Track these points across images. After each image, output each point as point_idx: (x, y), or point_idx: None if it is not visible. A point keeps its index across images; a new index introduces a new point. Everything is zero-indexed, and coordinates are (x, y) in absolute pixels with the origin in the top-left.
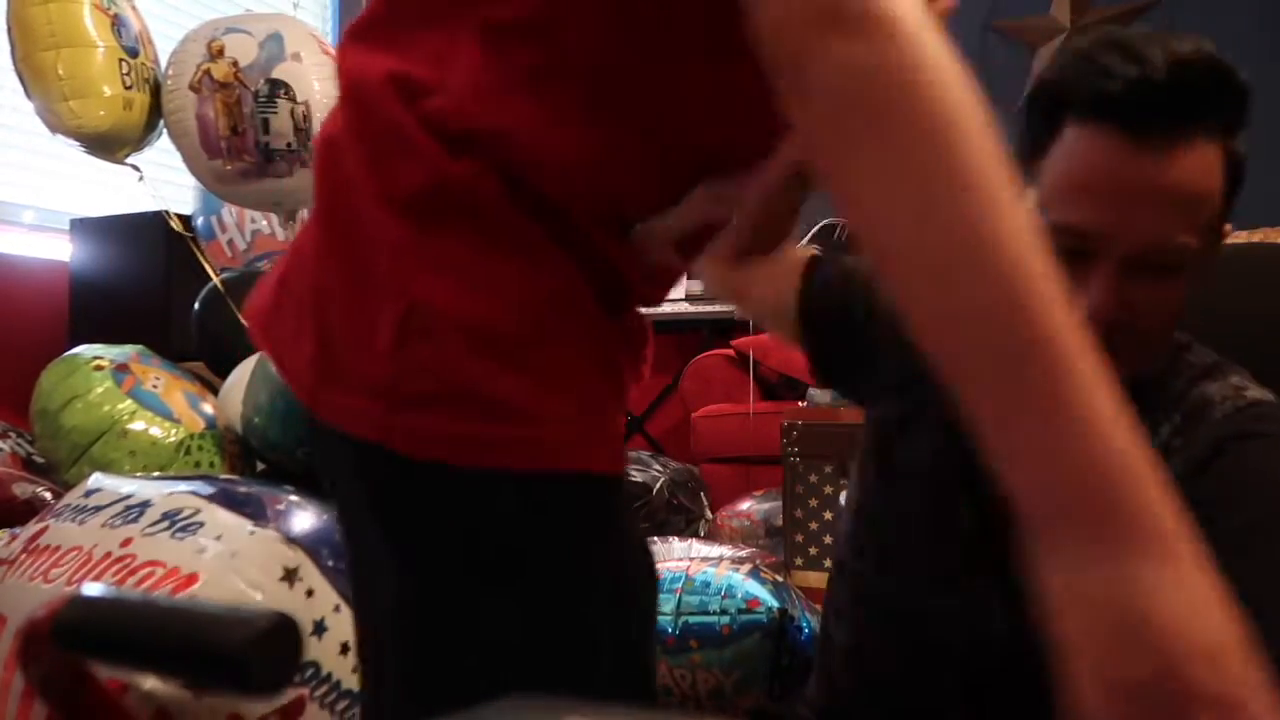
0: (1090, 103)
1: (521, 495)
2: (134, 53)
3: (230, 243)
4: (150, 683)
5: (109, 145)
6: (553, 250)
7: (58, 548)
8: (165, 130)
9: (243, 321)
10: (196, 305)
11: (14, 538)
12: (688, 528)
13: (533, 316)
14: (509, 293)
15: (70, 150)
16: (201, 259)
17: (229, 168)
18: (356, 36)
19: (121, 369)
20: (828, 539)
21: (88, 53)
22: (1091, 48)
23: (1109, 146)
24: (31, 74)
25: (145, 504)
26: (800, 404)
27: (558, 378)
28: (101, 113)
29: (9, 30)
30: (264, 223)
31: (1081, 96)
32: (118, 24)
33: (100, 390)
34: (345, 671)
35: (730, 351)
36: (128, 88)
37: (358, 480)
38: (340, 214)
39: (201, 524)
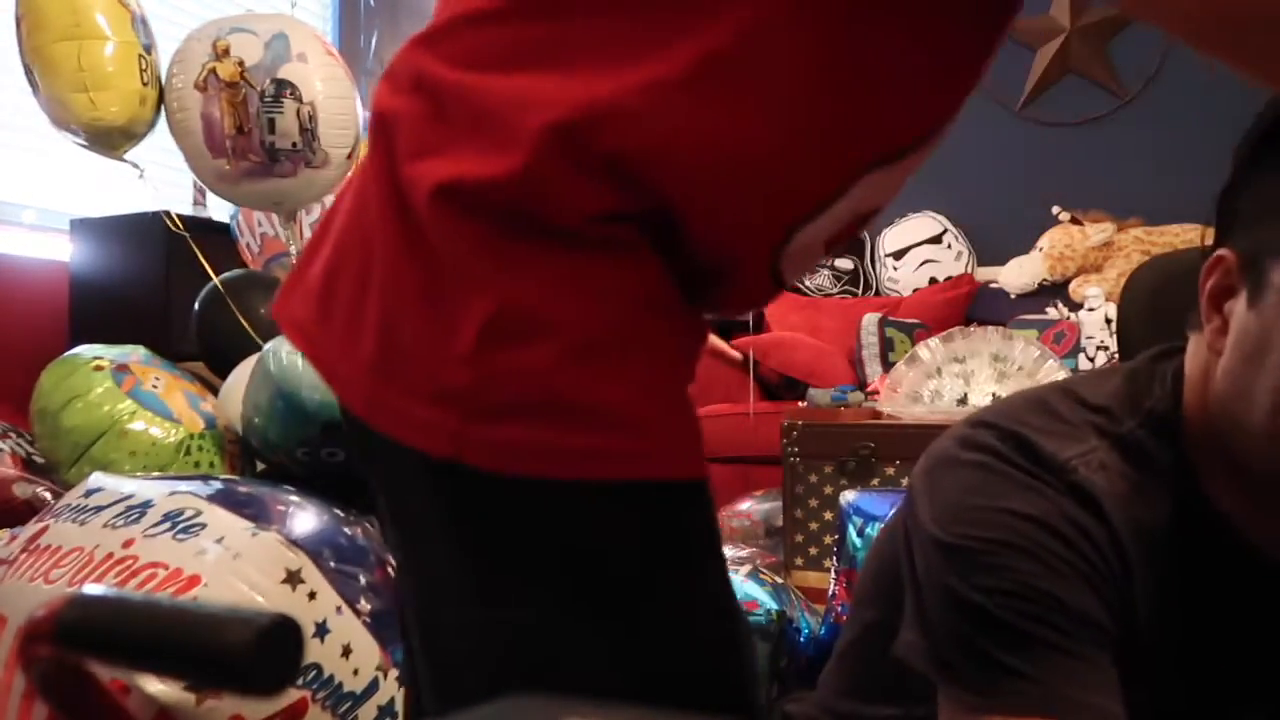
0: None
1: (621, 508)
2: (149, 49)
3: (248, 245)
4: (153, 685)
5: (115, 140)
6: (646, 250)
7: (58, 548)
8: (169, 128)
9: (244, 324)
10: (196, 305)
11: (14, 538)
12: None
13: (631, 320)
14: (606, 295)
15: (70, 150)
16: (201, 259)
17: (230, 167)
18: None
19: (121, 369)
20: (828, 539)
21: (110, 45)
22: None
23: None
24: (44, 64)
25: (147, 504)
26: (800, 404)
27: (655, 384)
28: (116, 107)
29: (18, 21)
30: (269, 226)
31: None
32: (136, 20)
33: (100, 390)
34: (347, 674)
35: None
36: (144, 84)
37: (417, 495)
38: (414, 205)
39: (203, 525)
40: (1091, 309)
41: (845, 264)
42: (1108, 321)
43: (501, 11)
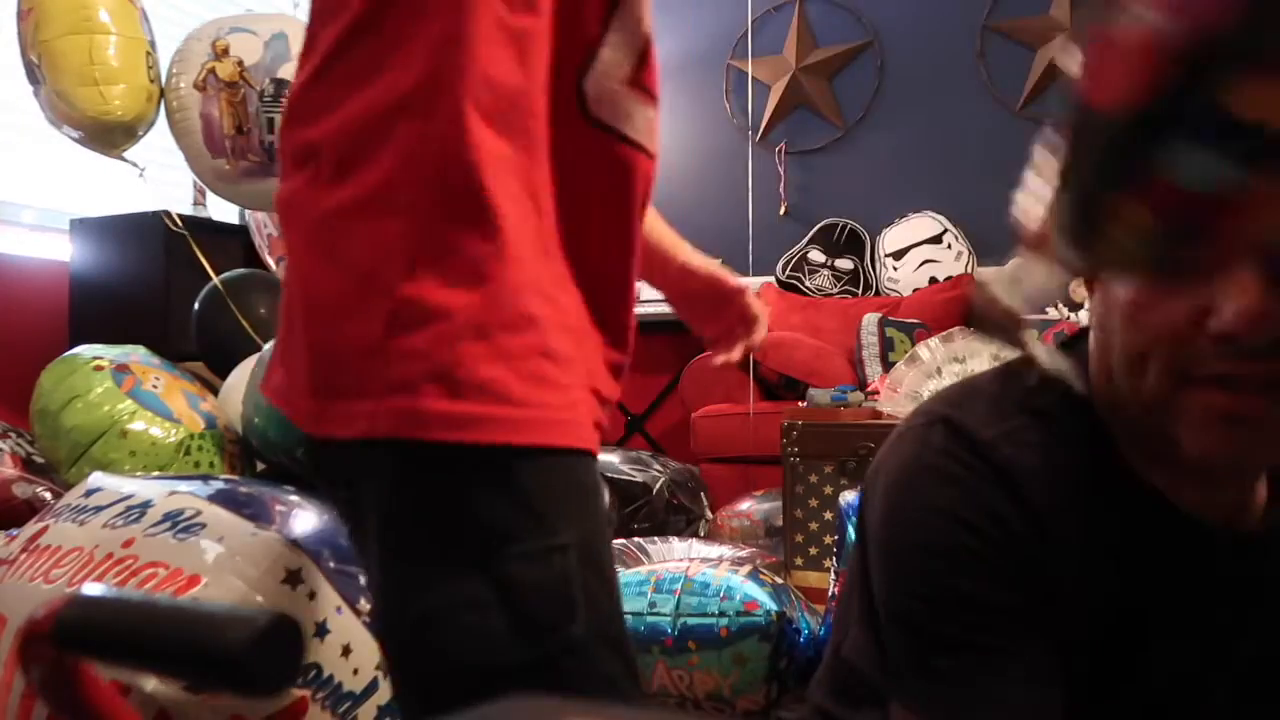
0: None
1: (502, 470)
2: (154, 45)
3: (261, 246)
4: (152, 685)
5: (117, 138)
6: (524, 230)
7: (58, 548)
8: (169, 128)
9: (244, 324)
10: (196, 305)
11: (13, 538)
12: (688, 528)
13: (512, 303)
14: (489, 281)
15: (70, 150)
16: (201, 259)
17: (230, 167)
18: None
19: (121, 369)
20: (828, 539)
21: (120, 41)
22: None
23: None
24: (51, 59)
25: (146, 504)
26: (800, 404)
27: (535, 361)
28: (125, 102)
29: (23, 15)
30: (273, 227)
31: None
32: (143, 16)
33: (100, 390)
34: (347, 674)
35: None
36: (151, 80)
37: (354, 485)
38: (322, 235)
39: (203, 525)
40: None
41: (845, 264)
42: None
43: (326, 61)
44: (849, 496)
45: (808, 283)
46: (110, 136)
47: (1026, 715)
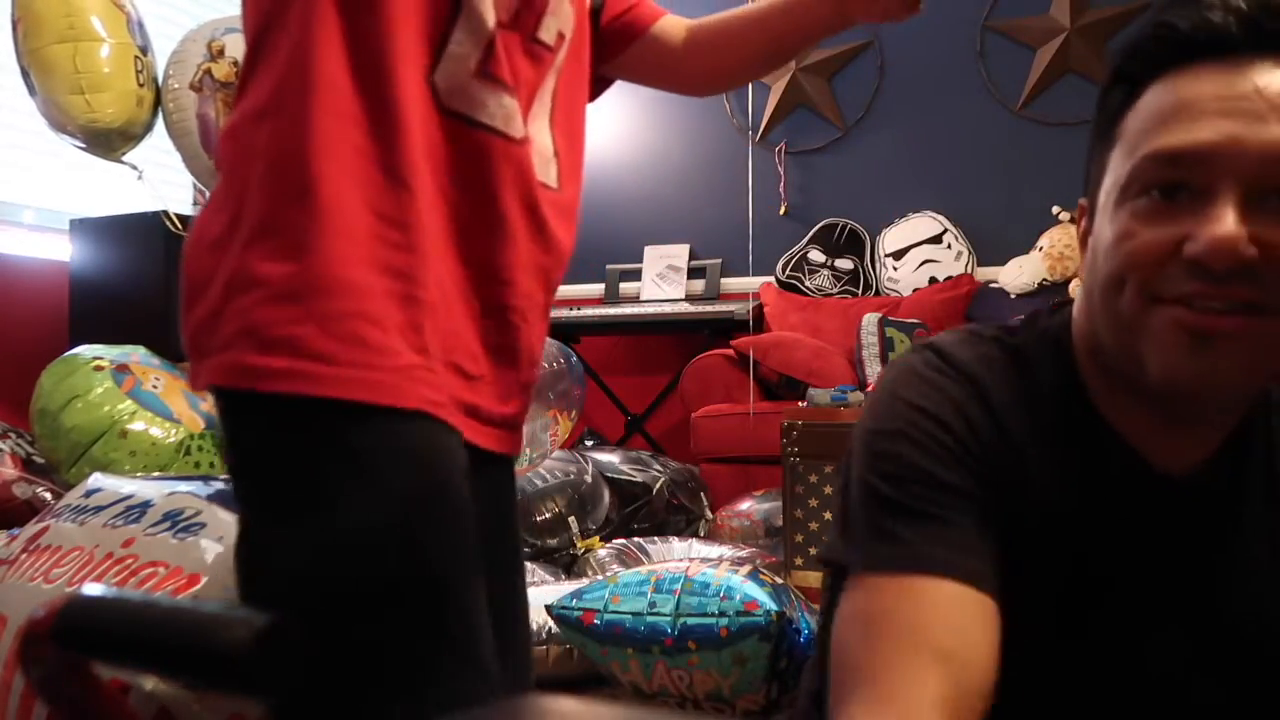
0: (1179, 48)
1: (311, 425)
2: (145, 50)
3: None
4: (152, 683)
5: (113, 142)
6: (362, 210)
7: (59, 548)
8: (165, 129)
9: None
10: None
11: (14, 538)
12: (688, 528)
13: (330, 272)
14: (309, 253)
15: (69, 150)
16: None
17: None
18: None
19: (121, 369)
20: (827, 539)
21: (104, 47)
22: (1153, 13)
23: (1210, 76)
24: (41, 67)
25: (146, 504)
26: (800, 404)
27: (354, 320)
28: (112, 109)
29: (14, 24)
30: None
31: (1163, 49)
32: (132, 22)
33: (100, 390)
34: None
35: (730, 351)
36: (140, 85)
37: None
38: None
39: (203, 524)
40: None
41: (845, 264)
42: None
43: (237, 95)
44: None
45: (808, 283)
46: (106, 141)
47: (959, 573)
